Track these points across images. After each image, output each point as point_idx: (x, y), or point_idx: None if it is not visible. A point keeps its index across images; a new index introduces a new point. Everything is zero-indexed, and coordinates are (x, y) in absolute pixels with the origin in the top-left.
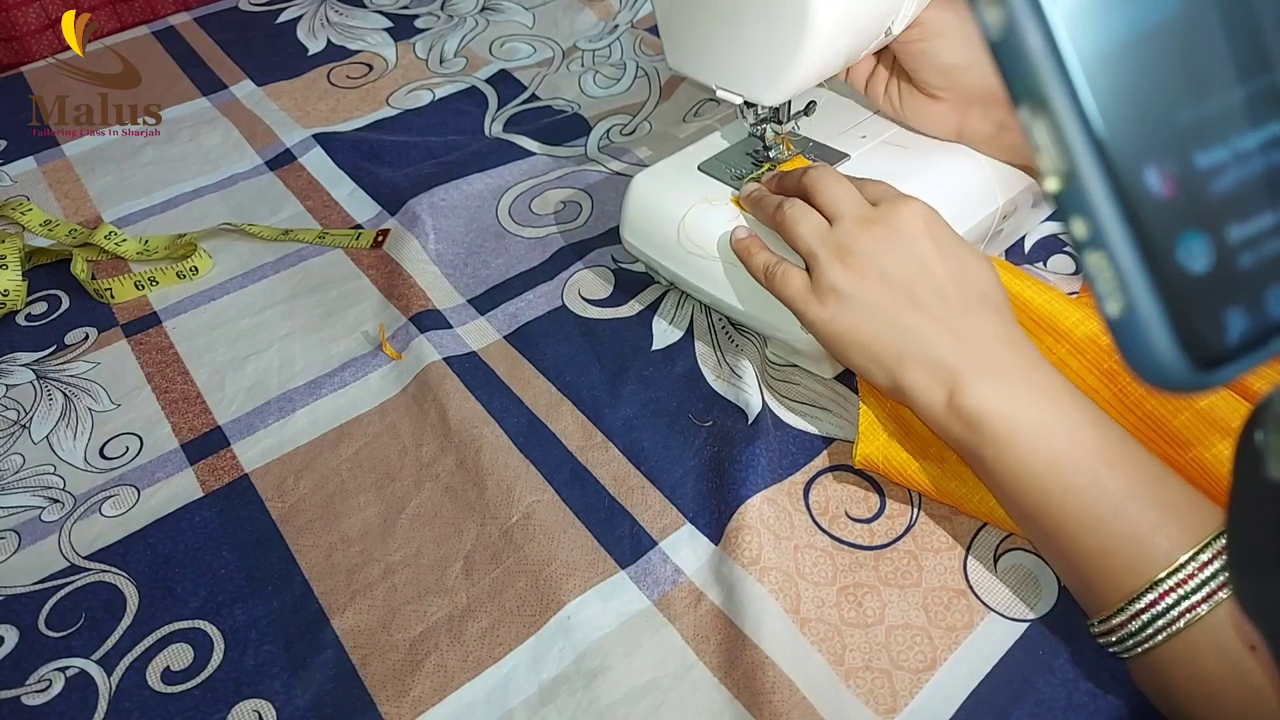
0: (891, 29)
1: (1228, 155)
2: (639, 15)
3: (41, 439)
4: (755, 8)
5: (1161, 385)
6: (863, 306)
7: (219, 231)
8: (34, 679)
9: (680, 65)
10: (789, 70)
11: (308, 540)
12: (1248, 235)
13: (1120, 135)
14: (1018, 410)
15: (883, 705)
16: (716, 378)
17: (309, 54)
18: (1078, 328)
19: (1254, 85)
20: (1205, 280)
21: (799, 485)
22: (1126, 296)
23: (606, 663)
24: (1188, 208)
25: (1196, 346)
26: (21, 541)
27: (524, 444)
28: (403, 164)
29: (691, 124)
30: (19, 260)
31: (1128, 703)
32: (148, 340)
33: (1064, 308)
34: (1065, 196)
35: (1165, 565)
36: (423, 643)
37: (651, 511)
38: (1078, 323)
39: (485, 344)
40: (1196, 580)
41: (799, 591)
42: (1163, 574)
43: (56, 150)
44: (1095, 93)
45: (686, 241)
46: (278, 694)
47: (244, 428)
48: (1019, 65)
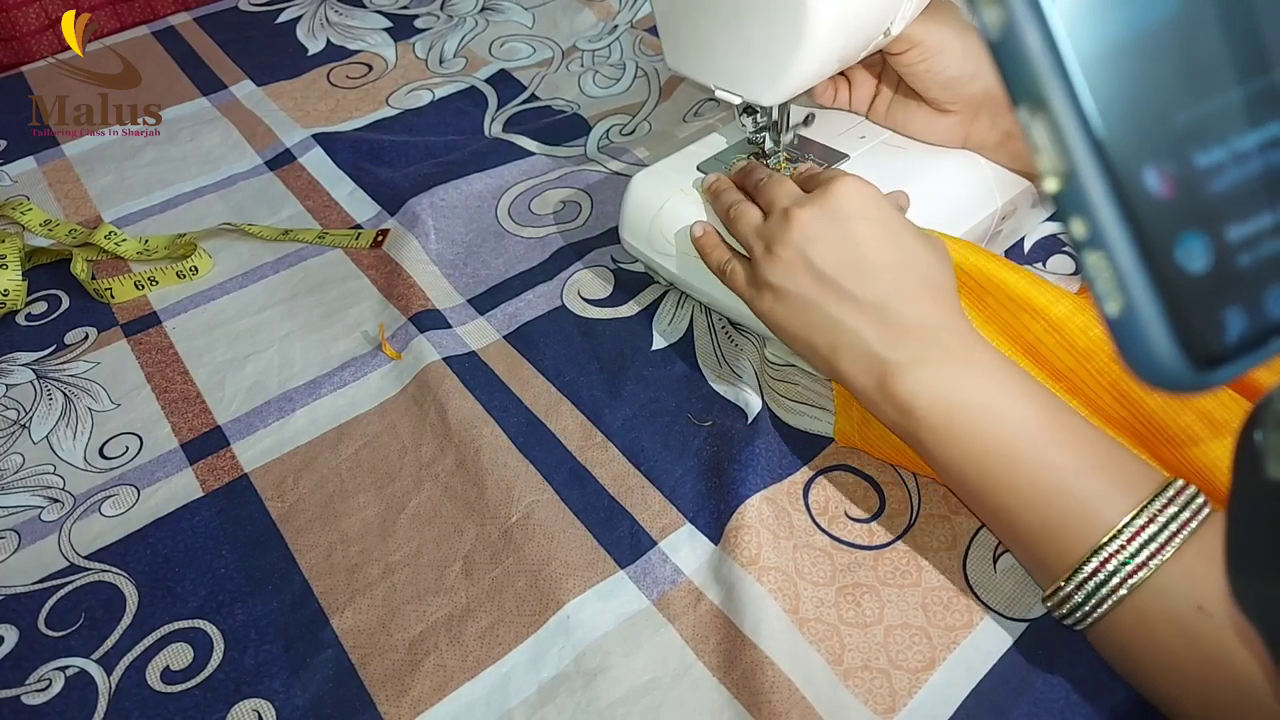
0: (890, 29)
1: (1226, 155)
2: (639, 15)
3: (41, 439)
4: (754, 8)
5: (1160, 385)
6: (795, 298)
7: (219, 231)
8: (34, 679)
9: (679, 65)
10: (788, 70)
11: (307, 540)
12: (1246, 235)
13: (1119, 135)
14: (954, 396)
15: (881, 705)
16: (716, 378)
17: (309, 54)
18: (1051, 306)
19: (1252, 85)
20: (1204, 280)
21: (798, 485)
22: (1125, 296)
23: (606, 662)
24: (1187, 208)
25: (1195, 346)
26: (21, 541)
27: (523, 444)
28: (403, 164)
29: (691, 124)
30: (19, 260)
31: (1126, 703)
32: (148, 340)
33: (1038, 287)
34: (1064, 196)
35: (1104, 535)
36: (422, 642)
37: (651, 511)
38: (1052, 301)
39: (485, 344)
40: (1136, 544)
41: (798, 591)
42: (1103, 539)
43: (56, 150)
44: (1094, 93)
45: (658, 238)
46: (277, 693)
47: (244, 427)
48: (1018, 65)
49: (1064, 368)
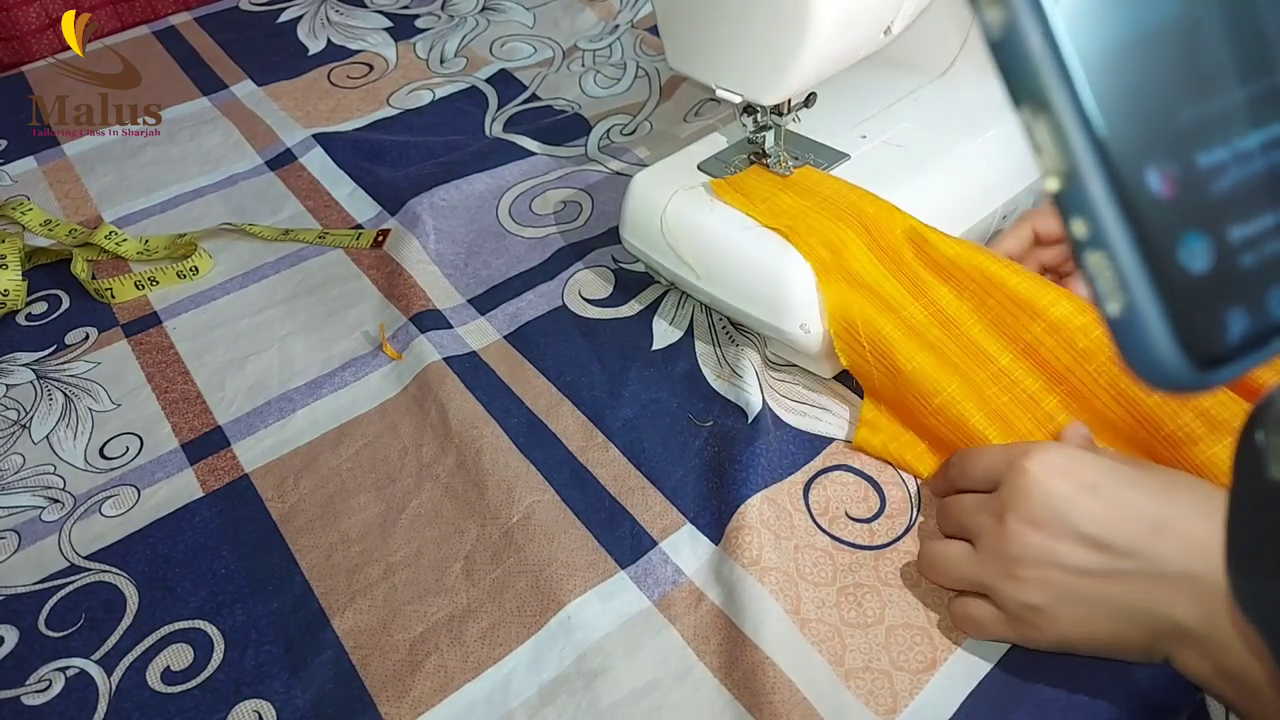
0: (891, 28)
1: (1229, 155)
2: (639, 15)
3: (41, 439)
4: (756, 7)
5: (1161, 385)
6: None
7: (219, 231)
8: (34, 679)
9: (680, 64)
10: (789, 69)
11: (308, 540)
12: (1249, 235)
13: (1121, 135)
14: None
15: (883, 706)
16: (716, 378)
17: (309, 54)
18: (1052, 307)
19: (1255, 86)
20: (1206, 280)
21: (799, 485)
22: (1127, 296)
23: (607, 663)
24: (1189, 208)
25: (1197, 346)
26: (21, 541)
27: (524, 444)
28: (403, 164)
29: (692, 124)
30: (19, 260)
31: (1127, 703)
32: (148, 340)
33: (1040, 288)
34: (1065, 196)
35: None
36: (423, 643)
37: (652, 512)
38: (1052, 302)
39: (485, 344)
40: None
41: (799, 592)
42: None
43: (57, 150)
44: (1096, 93)
45: (669, 235)
46: (278, 694)
47: (244, 428)
48: (1020, 65)
49: (1063, 368)
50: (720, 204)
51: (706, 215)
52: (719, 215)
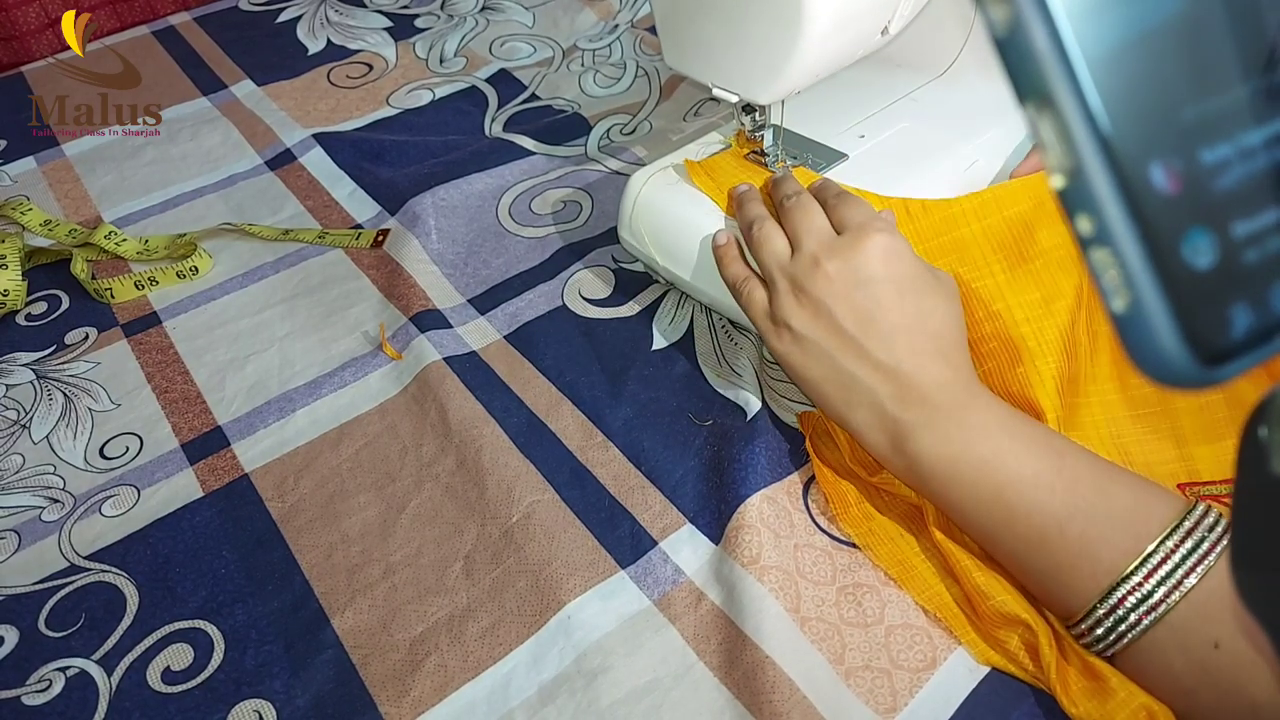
0: (888, 29)
1: (1233, 152)
2: (639, 15)
3: (41, 439)
4: (753, 6)
5: (1167, 381)
6: (813, 347)
7: (219, 231)
8: (34, 679)
9: (678, 64)
10: (785, 69)
11: (308, 540)
12: (1253, 231)
13: (1125, 132)
14: (956, 452)
15: (883, 705)
16: (716, 377)
17: (309, 54)
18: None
19: (1259, 82)
20: (1210, 276)
21: (798, 484)
22: (1132, 293)
23: (607, 663)
24: (1193, 204)
25: (1202, 342)
26: (21, 541)
27: (524, 444)
28: (403, 164)
29: (691, 123)
30: (19, 260)
31: None
32: (148, 340)
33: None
34: (1070, 193)
35: (1113, 577)
36: (423, 643)
37: (652, 511)
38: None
39: (485, 344)
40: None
41: (799, 591)
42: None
43: (56, 150)
44: (1100, 90)
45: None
46: (278, 694)
47: (244, 428)
48: (1024, 62)
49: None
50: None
51: (675, 201)
52: (686, 197)
